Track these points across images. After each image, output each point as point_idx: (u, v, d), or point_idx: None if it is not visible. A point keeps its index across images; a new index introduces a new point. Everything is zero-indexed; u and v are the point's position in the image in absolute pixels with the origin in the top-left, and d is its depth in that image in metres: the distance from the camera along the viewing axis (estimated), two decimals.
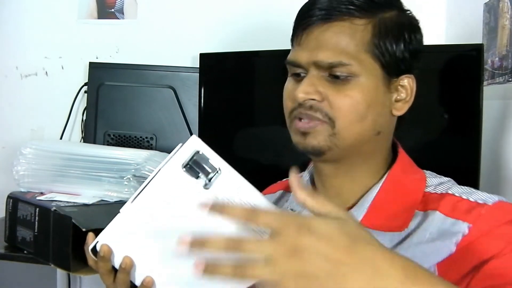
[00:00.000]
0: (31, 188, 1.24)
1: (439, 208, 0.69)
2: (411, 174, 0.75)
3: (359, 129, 0.70)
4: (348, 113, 0.69)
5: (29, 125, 1.85)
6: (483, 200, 0.68)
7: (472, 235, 0.64)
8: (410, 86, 0.73)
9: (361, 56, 0.68)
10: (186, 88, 1.63)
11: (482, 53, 1.20)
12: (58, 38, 1.85)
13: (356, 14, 0.68)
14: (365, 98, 0.69)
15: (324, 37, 0.69)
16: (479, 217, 0.65)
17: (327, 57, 0.68)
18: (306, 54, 0.70)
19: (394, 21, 0.70)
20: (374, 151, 0.74)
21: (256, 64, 1.52)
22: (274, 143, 1.43)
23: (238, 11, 1.75)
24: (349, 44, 0.68)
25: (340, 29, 0.68)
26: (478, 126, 1.18)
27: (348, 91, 0.69)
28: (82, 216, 1.05)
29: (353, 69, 0.68)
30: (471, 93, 1.20)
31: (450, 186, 0.72)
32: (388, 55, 0.69)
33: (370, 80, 0.69)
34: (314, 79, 0.70)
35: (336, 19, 0.68)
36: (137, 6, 1.82)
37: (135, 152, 1.25)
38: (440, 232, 0.66)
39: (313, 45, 0.69)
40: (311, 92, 0.70)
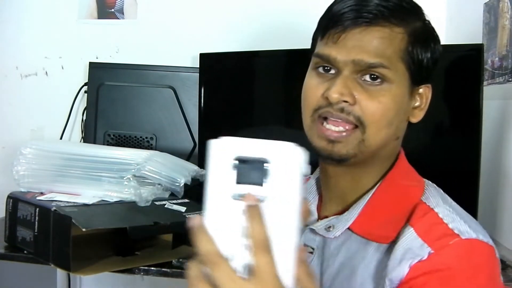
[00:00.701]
0: (31, 188, 1.24)
1: (415, 226, 0.67)
2: (408, 181, 0.74)
3: (385, 135, 0.70)
4: (380, 119, 0.69)
5: (29, 125, 1.85)
6: (460, 232, 0.65)
7: (427, 263, 0.63)
8: (426, 95, 0.74)
9: (396, 63, 0.69)
10: (186, 88, 1.63)
11: (482, 53, 1.20)
12: (58, 38, 1.85)
13: (394, 22, 0.69)
14: (394, 105, 0.69)
15: (365, 39, 0.68)
16: (443, 247, 0.64)
17: (367, 57, 0.68)
18: (343, 52, 0.68)
19: (423, 30, 0.72)
20: (389, 155, 0.74)
21: (256, 64, 1.52)
22: None
23: (238, 11, 1.75)
24: (388, 49, 0.68)
25: (381, 34, 0.68)
26: (478, 126, 1.18)
27: (381, 97, 0.68)
28: (82, 216, 1.05)
29: (389, 74, 0.68)
30: (471, 93, 1.20)
31: (439, 203, 0.70)
32: (417, 64, 0.71)
33: (400, 88, 0.70)
34: (347, 81, 0.68)
35: (377, 24, 0.68)
36: (137, 6, 1.82)
37: (135, 152, 1.25)
38: (405, 252, 0.65)
39: (353, 45, 0.68)
40: (346, 93, 0.68)
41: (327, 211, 0.77)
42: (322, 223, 0.74)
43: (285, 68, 1.47)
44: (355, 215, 0.72)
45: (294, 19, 1.66)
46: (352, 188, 0.74)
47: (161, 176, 1.19)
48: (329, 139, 0.69)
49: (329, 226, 0.73)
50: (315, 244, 0.74)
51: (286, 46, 1.41)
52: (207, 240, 0.46)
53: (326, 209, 0.78)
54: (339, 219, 0.73)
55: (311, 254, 0.74)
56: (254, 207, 0.46)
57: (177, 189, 1.21)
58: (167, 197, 1.25)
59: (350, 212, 0.72)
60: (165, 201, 1.23)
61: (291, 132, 1.46)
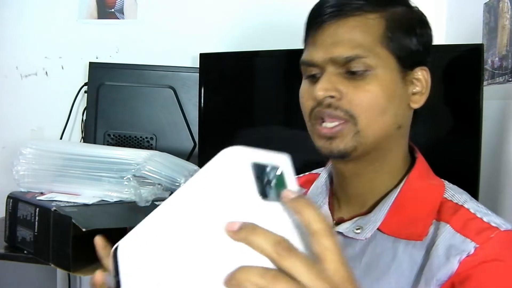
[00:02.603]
0: (31, 188, 1.24)
1: (451, 222, 0.68)
2: (430, 180, 0.75)
3: (381, 123, 0.69)
4: (369, 108, 0.68)
5: (29, 125, 1.85)
6: (496, 224, 0.67)
7: (475, 257, 0.64)
8: (425, 78, 0.73)
9: (376, 49, 0.68)
10: (186, 88, 1.63)
11: (482, 53, 1.19)
12: (58, 38, 1.85)
13: (368, 8, 0.69)
14: (384, 91, 0.68)
15: (338, 33, 0.68)
16: (487, 240, 0.65)
17: (343, 52, 0.68)
18: (321, 52, 0.69)
19: (404, 15, 0.71)
20: (395, 147, 0.73)
21: (256, 64, 1.52)
22: (274, 143, 1.43)
23: (238, 11, 1.75)
24: (364, 38, 0.68)
25: (354, 24, 0.68)
26: (478, 126, 1.18)
27: (367, 86, 0.68)
28: (82, 216, 1.05)
29: (370, 61, 0.68)
30: (471, 93, 1.20)
31: (467, 200, 0.71)
32: (402, 48, 0.70)
33: (387, 73, 0.69)
34: (331, 77, 0.69)
35: (350, 15, 0.68)
36: (137, 6, 1.82)
37: (135, 152, 1.25)
38: (448, 248, 0.66)
39: (329, 42, 0.69)
40: (330, 89, 0.68)
41: (343, 213, 0.77)
42: (350, 225, 0.73)
43: (285, 68, 1.47)
44: (382, 215, 0.71)
45: (294, 19, 1.65)
46: (370, 188, 0.74)
47: (161, 176, 1.19)
48: (326, 137, 0.70)
49: (357, 228, 0.72)
50: None
51: (286, 46, 1.41)
52: (265, 233, 0.40)
53: (343, 211, 0.77)
54: (365, 220, 0.72)
55: None
56: (300, 198, 0.43)
57: (177, 189, 1.21)
58: (167, 197, 1.25)
59: (376, 212, 0.72)
60: None
61: (291, 132, 1.46)
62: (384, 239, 0.70)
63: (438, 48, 1.41)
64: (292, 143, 1.43)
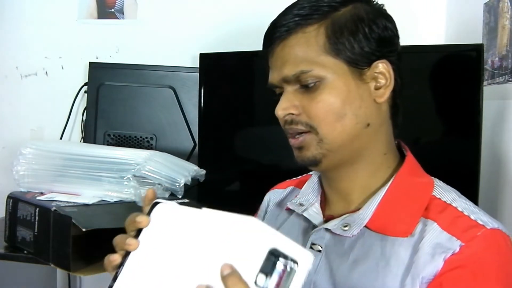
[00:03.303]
0: (31, 188, 1.24)
1: (438, 221, 0.69)
2: (419, 177, 0.75)
3: (340, 127, 0.71)
4: (325, 117, 0.71)
5: (29, 125, 1.85)
6: (483, 222, 0.67)
7: (460, 256, 0.65)
8: (387, 70, 0.73)
9: (321, 59, 0.70)
10: (186, 88, 1.63)
11: (482, 53, 1.19)
12: (58, 38, 1.85)
13: (304, 23, 0.71)
14: (337, 97, 0.71)
15: (284, 54, 0.72)
16: (473, 238, 0.65)
17: (289, 70, 0.71)
18: (275, 74, 0.74)
19: (347, 17, 0.71)
20: (369, 145, 0.74)
21: (256, 64, 1.52)
22: (274, 143, 1.43)
23: (238, 11, 1.75)
24: (306, 52, 0.71)
25: (295, 41, 0.71)
26: (478, 126, 1.18)
27: (319, 96, 0.71)
28: (82, 216, 1.05)
29: (316, 73, 0.70)
30: (471, 93, 1.20)
31: (455, 198, 0.72)
32: (348, 51, 0.71)
33: (337, 79, 0.71)
34: (289, 95, 0.73)
35: (290, 34, 0.72)
36: (137, 6, 1.82)
37: (135, 152, 1.25)
38: (434, 247, 0.66)
39: (278, 64, 0.73)
40: (288, 107, 0.73)
41: (332, 211, 0.78)
42: (337, 222, 0.74)
43: None
44: (370, 212, 0.72)
45: None
46: (355, 188, 0.76)
47: (161, 176, 1.19)
48: (296, 147, 0.75)
49: (345, 225, 0.73)
50: (323, 242, 0.74)
51: None
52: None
53: (331, 209, 0.79)
54: (354, 217, 0.73)
55: (319, 252, 0.74)
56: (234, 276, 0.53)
57: (177, 189, 1.21)
58: (167, 197, 1.25)
59: (364, 209, 0.73)
60: None
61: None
62: (372, 236, 0.71)
63: (438, 48, 1.42)
64: None
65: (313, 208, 0.80)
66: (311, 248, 0.75)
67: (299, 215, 0.80)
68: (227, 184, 1.53)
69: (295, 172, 0.93)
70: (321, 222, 0.77)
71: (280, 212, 0.88)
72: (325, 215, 0.78)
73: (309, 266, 0.51)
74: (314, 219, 0.78)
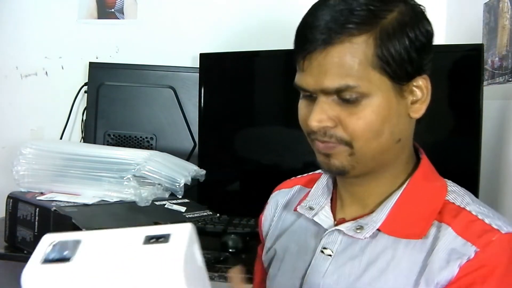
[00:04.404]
0: (31, 188, 1.24)
1: (452, 225, 0.68)
2: (433, 181, 0.74)
3: (376, 145, 0.69)
4: (363, 134, 0.68)
5: (29, 125, 1.85)
6: (498, 226, 0.67)
7: (475, 262, 0.64)
8: (425, 85, 0.70)
9: (367, 73, 0.66)
10: (186, 88, 1.63)
11: (482, 53, 1.19)
12: (58, 38, 1.85)
13: (354, 32, 0.65)
14: (378, 115, 0.67)
15: (326, 62, 0.66)
16: (488, 244, 0.65)
17: (332, 82, 0.66)
18: (311, 81, 0.68)
19: (395, 23, 0.67)
20: (395, 158, 0.73)
21: (256, 64, 1.52)
22: (274, 143, 1.43)
23: (238, 11, 1.75)
24: (353, 64, 0.65)
25: (341, 51, 0.65)
26: (478, 126, 1.18)
27: (360, 112, 0.67)
28: (82, 216, 1.05)
29: (361, 89, 0.66)
30: (471, 93, 1.20)
31: (469, 202, 0.71)
32: (394, 62, 0.67)
33: (381, 96, 0.67)
34: (324, 105, 0.68)
35: (336, 41, 0.65)
36: (137, 6, 1.82)
37: (135, 152, 1.25)
38: (449, 252, 0.66)
39: (317, 72, 0.67)
40: (324, 119, 0.68)
41: (346, 213, 0.77)
42: (351, 224, 0.73)
43: (285, 68, 1.46)
44: (384, 215, 0.71)
45: (294, 19, 1.65)
46: (372, 193, 0.75)
47: (161, 176, 1.19)
48: (324, 153, 0.71)
49: (358, 227, 0.72)
50: (335, 246, 0.74)
51: (286, 46, 1.40)
52: None
53: (345, 211, 0.78)
54: (367, 220, 0.72)
55: (329, 257, 0.73)
56: None
57: (177, 189, 1.21)
58: (167, 197, 1.26)
59: (378, 212, 0.72)
60: (165, 201, 1.23)
61: (291, 132, 1.46)
62: (384, 239, 0.71)
63: (438, 48, 1.41)
64: (292, 143, 1.43)
65: (323, 211, 0.78)
66: (321, 252, 0.74)
67: (309, 218, 0.79)
68: (227, 184, 1.53)
69: (295, 172, 0.93)
70: (331, 226, 0.76)
71: (287, 213, 0.86)
72: (337, 218, 0.77)
73: (185, 234, 0.49)
74: (325, 224, 0.77)
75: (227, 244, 1.20)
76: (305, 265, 0.76)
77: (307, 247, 0.77)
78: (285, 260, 0.80)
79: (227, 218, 1.37)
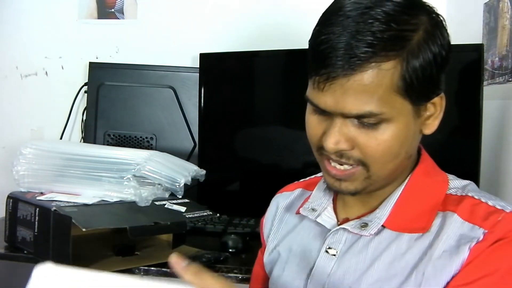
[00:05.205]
0: (31, 188, 1.24)
1: (458, 211, 0.68)
2: (433, 176, 0.75)
3: (392, 166, 0.69)
4: (382, 157, 0.67)
5: (29, 125, 1.85)
6: (502, 207, 0.67)
7: (485, 242, 0.64)
8: (440, 103, 0.71)
9: (391, 99, 0.64)
10: (186, 88, 1.63)
11: (482, 53, 1.20)
12: (58, 38, 1.85)
13: (381, 57, 0.62)
14: (398, 140, 0.66)
15: (349, 87, 0.63)
16: (495, 224, 0.65)
17: (353, 107, 0.63)
18: (331, 103, 0.65)
19: (421, 47, 0.64)
20: (402, 168, 0.73)
21: (256, 64, 1.52)
22: (274, 143, 1.43)
23: (238, 11, 1.75)
24: (378, 91, 0.63)
25: (367, 78, 0.62)
26: (478, 126, 1.18)
27: (380, 136, 0.65)
28: (82, 216, 1.05)
29: (384, 116, 0.64)
30: (471, 93, 1.20)
31: (470, 189, 0.72)
32: (417, 82, 0.64)
33: (401, 121, 0.66)
34: (342, 127, 0.66)
35: (362, 68, 0.62)
36: (137, 6, 1.82)
37: (135, 152, 1.25)
38: (458, 238, 0.66)
39: (339, 94, 0.64)
40: (342, 141, 0.66)
41: (349, 214, 0.77)
42: (355, 222, 0.73)
43: (285, 68, 1.47)
44: (387, 212, 0.72)
45: (294, 19, 1.65)
46: (375, 194, 0.75)
47: (161, 176, 1.19)
48: (336, 178, 0.70)
49: (362, 225, 0.73)
50: (339, 246, 0.74)
51: (286, 46, 1.41)
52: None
53: (348, 211, 0.78)
54: (370, 217, 0.73)
55: (334, 256, 0.73)
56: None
57: (177, 189, 1.21)
58: (167, 197, 1.25)
59: (381, 209, 0.73)
60: (165, 201, 1.23)
61: (291, 132, 1.46)
62: (388, 234, 0.71)
63: None
64: (292, 143, 1.43)
65: (326, 212, 0.78)
66: (326, 252, 0.74)
67: (312, 219, 0.79)
68: (227, 184, 1.53)
69: (295, 172, 0.93)
70: (335, 226, 0.76)
71: (289, 216, 0.86)
72: (340, 218, 0.78)
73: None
74: (328, 224, 0.77)
75: (227, 244, 1.20)
76: (309, 265, 0.76)
77: (311, 247, 0.78)
78: (289, 261, 0.81)
79: (227, 218, 1.37)
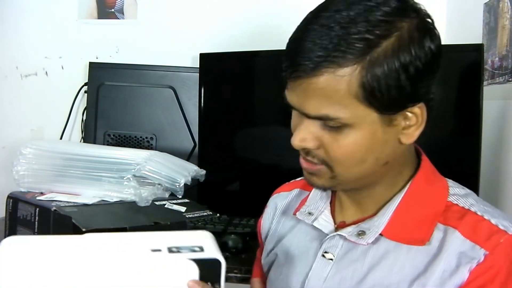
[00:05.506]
0: (31, 188, 1.24)
1: (459, 228, 0.67)
2: (434, 183, 0.74)
3: (357, 170, 0.68)
4: (344, 161, 0.67)
5: (29, 125, 1.85)
6: (504, 227, 0.67)
7: (485, 265, 0.64)
8: (420, 113, 0.67)
9: (350, 107, 0.63)
10: (186, 88, 1.63)
11: (482, 53, 1.20)
12: (58, 38, 1.85)
13: (335, 64, 0.61)
14: (361, 146, 0.66)
15: (309, 90, 0.64)
16: (496, 246, 0.65)
17: (312, 109, 0.65)
18: (296, 101, 0.67)
19: (388, 54, 0.62)
20: (383, 176, 0.72)
21: (256, 64, 1.52)
22: (274, 143, 1.43)
23: (238, 11, 1.75)
24: (334, 95, 0.63)
25: (322, 83, 0.62)
26: (478, 126, 1.18)
27: (342, 140, 0.66)
28: (82, 216, 1.05)
29: (343, 120, 0.64)
30: (471, 93, 1.20)
31: (473, 203, 0.71)
32: (384, 99, 0.63)
33: (365, 128, 0.65)
34: (308, 126, 0.67)
35: (322, 69, 0.62)
36: (137, 6, 1.82)
37: (135, 152, 1.25)
38: (458, 256, 0.66)
39: (301, 94, 0.65)
40: (307, 139, 0.67)
41: (346, 217, 0.77)
42: (352, 229, 0.73)
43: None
44: (386, 220, 0.71)
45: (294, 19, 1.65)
46: (370, 197, 0.74)
47: (161, 176, 1.19)
48: (307, 171, 0.72)
49: (360, 233, 0.72)
50: (336, 251, 0.73)
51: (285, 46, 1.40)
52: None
53: (344, 214, 0.77)
54: (368, 224, 0.72)
55: (331, 261, 0.73)
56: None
57: (177, 189, 1.21)
58: (167, 197, 1.25)
59: (379, 217, 0.72)
60: (165, 201, 1.22)
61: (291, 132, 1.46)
62: (386, 243, 0.70)
63: None
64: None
65: (323, 216, 0.78)
66: (322, 257, 0.74)
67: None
68: (227, 184, 1.53)
69: (295, 172, 0.93)
70: (332, 230, 0.76)
71: (287, 218, 0.86)
72: (337, 221, 0.77)
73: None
74: (325, 228, 0.76)
75: (227, 244, 1.20)
76: (306, 269, 0.76)
77: (308, 251, 0.77)
78: (285, 264, 0.80)
79: (227, 218, 1.37)
